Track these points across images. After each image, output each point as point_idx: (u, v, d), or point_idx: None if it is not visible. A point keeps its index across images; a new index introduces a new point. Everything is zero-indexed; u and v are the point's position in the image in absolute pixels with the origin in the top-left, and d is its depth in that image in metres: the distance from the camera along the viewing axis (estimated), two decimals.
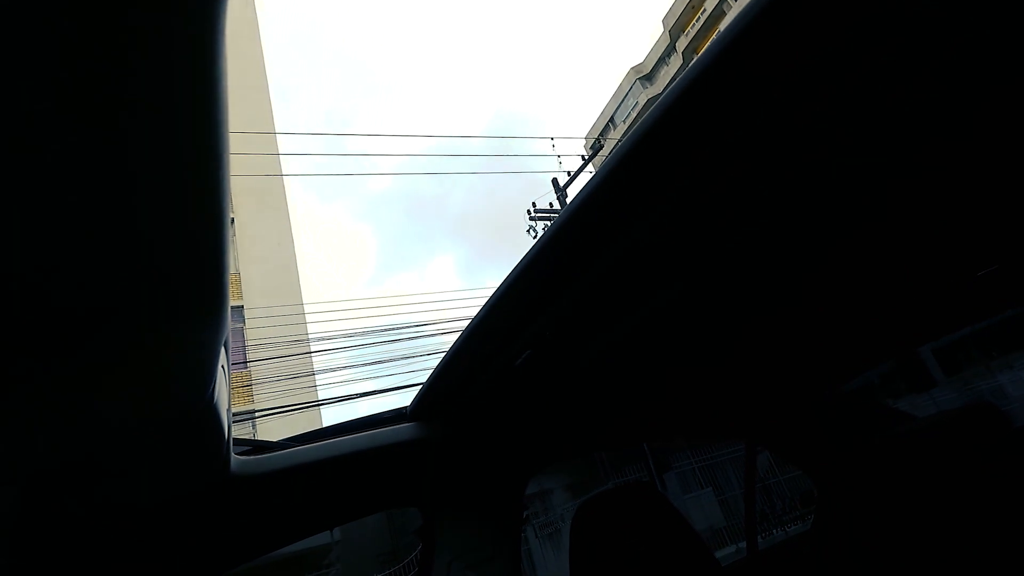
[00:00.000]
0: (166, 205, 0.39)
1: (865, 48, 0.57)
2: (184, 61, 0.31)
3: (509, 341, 1.07)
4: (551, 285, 0.94)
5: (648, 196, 0.75)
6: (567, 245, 0.83)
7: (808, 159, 0.71)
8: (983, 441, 1.56)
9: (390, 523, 17.96)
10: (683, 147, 0.65)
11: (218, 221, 0.43)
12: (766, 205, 0.77)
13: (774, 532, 10.97)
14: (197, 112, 0.34)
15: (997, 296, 1.60)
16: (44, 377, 0.47)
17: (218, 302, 0.50)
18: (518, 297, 0.92)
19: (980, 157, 0.79)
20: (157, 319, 0.48)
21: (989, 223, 1.05)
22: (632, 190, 0.71)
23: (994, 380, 14.46)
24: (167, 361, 0.53)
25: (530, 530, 12.06)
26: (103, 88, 0.30)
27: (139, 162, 0.35)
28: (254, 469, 1.13)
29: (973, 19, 0.56)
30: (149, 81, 0.31)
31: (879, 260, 1.06)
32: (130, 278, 0.43)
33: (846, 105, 0.65)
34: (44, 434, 0.54)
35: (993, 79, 0.62)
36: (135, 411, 0.57)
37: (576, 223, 0.79)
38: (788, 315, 1.21)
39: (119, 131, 0.33)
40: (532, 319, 1.01)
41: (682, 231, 0.82)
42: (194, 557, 1.18)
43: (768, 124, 0.65)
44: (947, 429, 1.63)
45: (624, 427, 1.75)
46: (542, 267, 0.89)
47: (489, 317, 0.97)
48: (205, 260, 0.46)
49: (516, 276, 0.88)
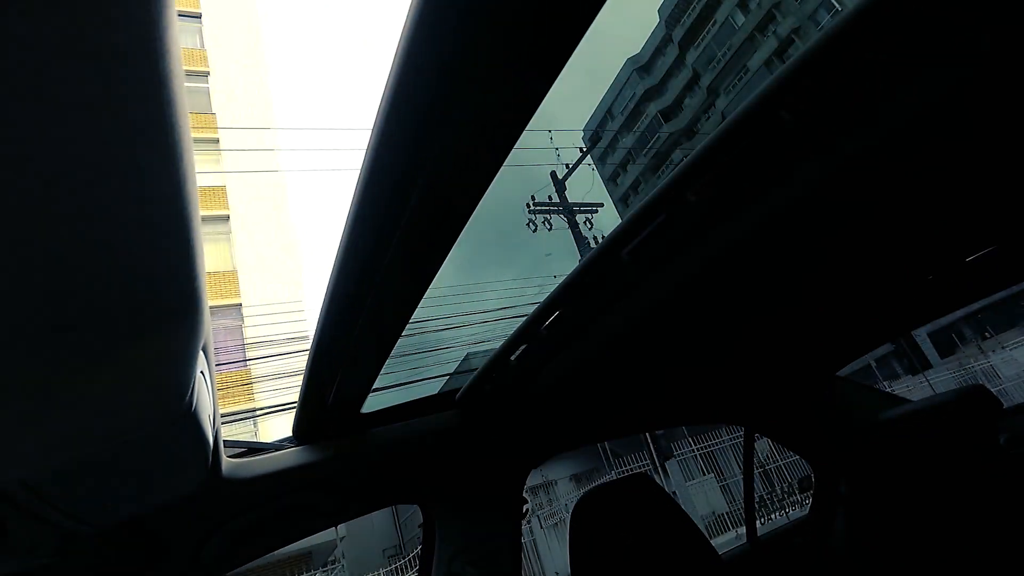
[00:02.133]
0: (118, 199, 0.36)
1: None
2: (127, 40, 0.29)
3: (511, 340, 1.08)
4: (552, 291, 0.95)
5: (652, 202, 0.76)
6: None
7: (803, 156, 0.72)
8: (977, 424, 1.58)
9: (397, 518, 18.05)
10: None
11: (184, 221, 0.40)
12: (762, 200, 0.78)
13: (774, 517, 11.04)
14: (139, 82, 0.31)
15: (990, 278, 1.61)
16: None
17: (191, 307, 0.48)
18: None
19: (973, 147, 0.79)
20: (120, 329, 0.45)
21: (979, 208, 1.06)
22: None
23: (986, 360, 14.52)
24: (135, 372, 0.50)
25: (535, 521, 12.12)
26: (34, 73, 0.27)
27: (72, 140, 0.32)
28: (247, 472, 1.13)
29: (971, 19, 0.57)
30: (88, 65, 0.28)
31: (873, 248, 1.07)
32: (85, 287, 0.40)
33: (843, 105, 0.66)
34: (5, 448, 0.51)
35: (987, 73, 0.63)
36: (105, 423, 0.54)
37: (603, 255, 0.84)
38: (785, 302, 1.22)
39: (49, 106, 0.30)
40: (531, 320, 1.02)
41: (681, 228, 0.83)
42: (191, 560, 1.18)
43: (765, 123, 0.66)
44: (941, 413, 1.64)
45: (624, 416, 1.76)
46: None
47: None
48: (172, 264, 0.43)
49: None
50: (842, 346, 1.90)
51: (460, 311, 14.58)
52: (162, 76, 0.32)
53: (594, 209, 16.03)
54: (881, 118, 0.66)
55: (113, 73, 0.30)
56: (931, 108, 0.65)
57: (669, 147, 29.57)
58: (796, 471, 12.55)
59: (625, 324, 1.04)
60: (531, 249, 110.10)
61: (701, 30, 27.59)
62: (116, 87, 0.31)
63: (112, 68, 0.30)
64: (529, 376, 1.23)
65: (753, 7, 25.29)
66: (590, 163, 18.20)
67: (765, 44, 24.72)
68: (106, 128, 0.32)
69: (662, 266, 0.91)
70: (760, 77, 23.93)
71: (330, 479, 1.29)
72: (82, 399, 0.49)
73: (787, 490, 12.05)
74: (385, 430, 1.28)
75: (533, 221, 15.56)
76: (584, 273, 0.89)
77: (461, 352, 13.13)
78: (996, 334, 18.68)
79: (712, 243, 0.86)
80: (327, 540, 13.13)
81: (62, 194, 0.34)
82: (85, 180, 0.34)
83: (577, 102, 43.43)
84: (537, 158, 13.30)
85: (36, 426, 0.49)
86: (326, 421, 1.22)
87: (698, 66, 27.83)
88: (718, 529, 11.85)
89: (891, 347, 19.64)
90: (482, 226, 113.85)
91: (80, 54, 0.28)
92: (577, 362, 1.16)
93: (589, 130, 34.09)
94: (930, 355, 19.67)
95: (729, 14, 26.29)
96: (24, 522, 0.67)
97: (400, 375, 9.57)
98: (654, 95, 30.52)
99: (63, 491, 0.65)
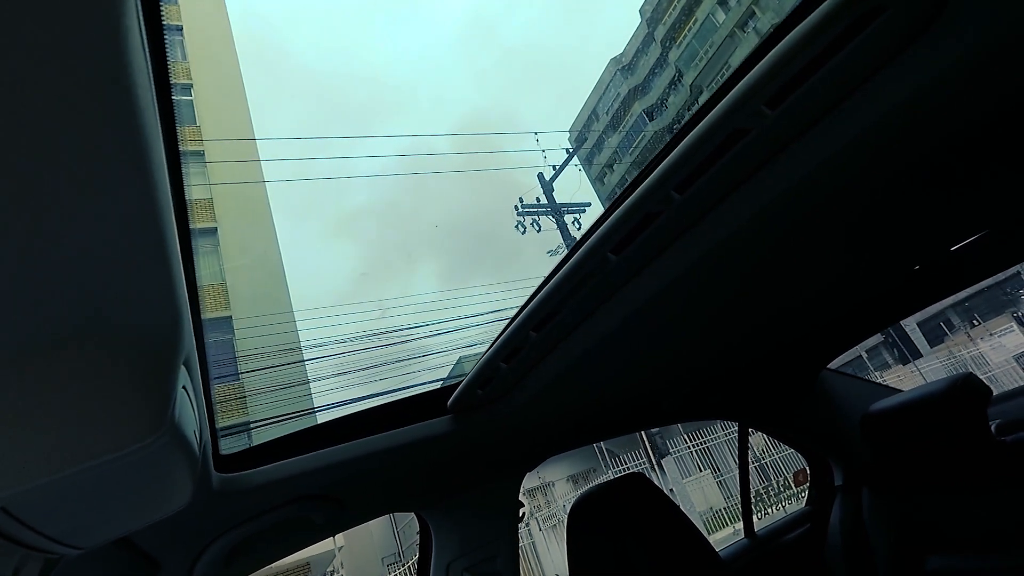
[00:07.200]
0: (84, 215, 0.34)
1: None
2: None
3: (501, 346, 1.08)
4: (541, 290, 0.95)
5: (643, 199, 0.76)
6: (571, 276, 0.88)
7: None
8: (968, 412, 1.60)
9: (395, 526, 17.96)
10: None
11: (160, 236, 0.39)
12: (746, 195, 0.78)
13: (771, 511, 11.10)
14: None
15: (975, 267, 1.63)
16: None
17: (167, 323, 0.47)
18: None
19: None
20: (90, 347, 0.44)
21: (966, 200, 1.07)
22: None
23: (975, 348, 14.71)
24: (108, 390, 0.49)
25: (533, 523, 12.13)
26: None
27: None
28: (240, 486, 1.11)
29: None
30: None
31: (859, 240, 1.07)
32: (55, 306, 0.39)
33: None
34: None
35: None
36: (81, 443, 0.52)
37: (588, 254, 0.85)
38: (773, 297, 1.22)
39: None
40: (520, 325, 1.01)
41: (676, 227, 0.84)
42: (187, 573, 1.17)
43: None
44: (932, 402, 1.66)
45: (618, 415, 1.76)
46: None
47: None
48: (145, 280, 0.42)
49: None
50: (832, 339, 1.92)
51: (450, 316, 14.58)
52: (136, 86, 0.31)
53: (582, 209, 16.11)
54: (862, 109, 0.66)
55: (86, 87, 0.29)
56: (912, 99, 0.65)
57: (655, 145, 29.73)
58: (792, 464, 12.65)
59: (614, 322, 1.03)
60: (531, 249, 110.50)
61: (683, 28, 27.79)
62: (88, 100, 0.30)
63: (86, 83, 0.29)
64: (520, 378, 1.23)
65: (733, 4, 25.52)
66: (577, 164, 18.28)
67: (746, 40, 24.94)
68: (72, 139, 0.31)
69: (649, 263, 0.91)
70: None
71: (325, 490, 1.28)
72: (55, 419, 0.48)
73: (783, 484, 12.13)
74: (378, 438, 1.27)
75: (522, 223, 15.61)
76: (571, 273, 0.89)
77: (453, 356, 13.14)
78: (984, 321, 18.95)
79: (698, 239, 0.86)
80: (326, 551, 13.04)
81: (27, 209, 0.33)
82: (50, 193, 0.33)
83: (563, 105, 43.55)
84: (526, 161, 13.37)
85: (10, 447, 0.48)
86: (321, 431, 1.21)
87: (681, 64, 28.03)
88: (716, 525, 11.89)
89: (881, 338, 19.89)
90: (463, 236, 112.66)
91: (53, 64, 0.28)
92: (568, 362, 1.16)
93: (575, 131, 34.24)
94: (920, 344, 19.94)
95: (710, 12, 26.51)
96: (5, 547, 0.66)
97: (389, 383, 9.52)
98: (638, 94, 30.70)
99: (44, 514, 0.64)
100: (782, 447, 12.75)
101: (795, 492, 11.34)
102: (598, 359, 1.18)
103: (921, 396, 1.70)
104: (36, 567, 0.78)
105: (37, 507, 0.61)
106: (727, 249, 0.88)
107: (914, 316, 16.90)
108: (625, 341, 1.14)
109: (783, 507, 11.21)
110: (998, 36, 0.58)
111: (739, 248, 0.89)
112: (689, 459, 13.34)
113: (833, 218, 0.92)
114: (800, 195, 0.78)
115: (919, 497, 1.72)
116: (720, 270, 0.96)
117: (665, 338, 1.23)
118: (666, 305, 1.03)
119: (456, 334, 12.10)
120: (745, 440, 2.37)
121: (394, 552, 17.78)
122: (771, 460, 13.19)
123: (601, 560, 1.31)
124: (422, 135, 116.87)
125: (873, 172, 0.80)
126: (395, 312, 58.07)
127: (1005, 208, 1.20)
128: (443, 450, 1.39)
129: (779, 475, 12.66)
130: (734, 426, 10.78)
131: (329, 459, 1.21)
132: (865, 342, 7.95)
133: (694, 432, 13.60)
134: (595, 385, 1.36)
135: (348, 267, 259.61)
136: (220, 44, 18.39)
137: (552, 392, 1.29)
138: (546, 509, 13.14)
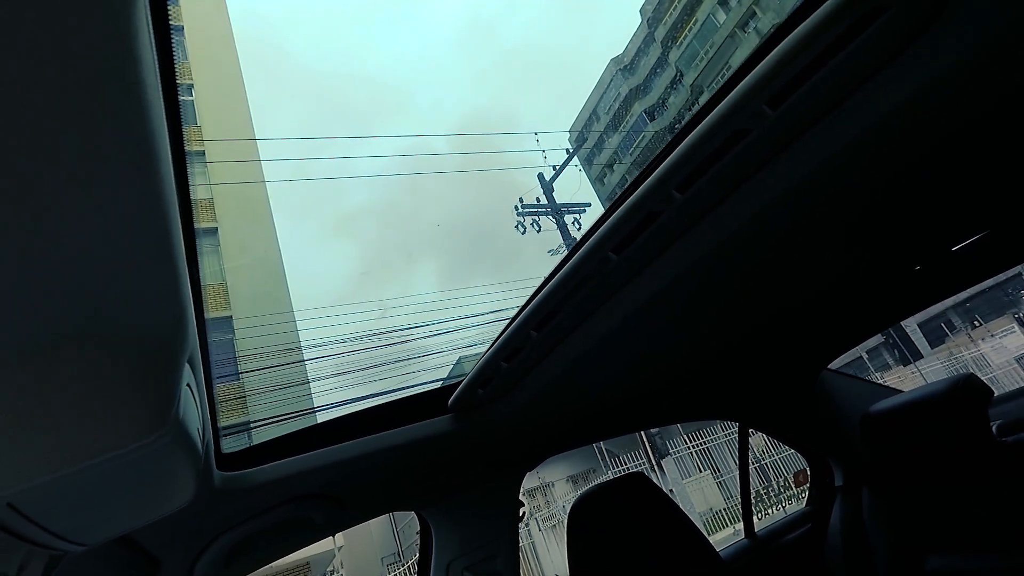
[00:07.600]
0: (90, 213, 0.34)
1: None
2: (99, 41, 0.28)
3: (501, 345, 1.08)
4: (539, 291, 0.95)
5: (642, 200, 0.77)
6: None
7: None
8: (969, 413, 1.60)
9: (394, 526, 17.96)
10: None
11: (164, 234, 0.38)
12: (746, 194, 0.79)
13: (771, 512, 11.10)
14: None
15: (976, 267, 1.63)
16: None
17: (172, 321, 0.47)
18: None
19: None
20: (95, 344, 0.44)
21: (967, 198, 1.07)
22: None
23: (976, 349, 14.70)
24: (113, 387, 0.49)
25: (533, 523, 12.13)
26: None
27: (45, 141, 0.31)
28: (242, 484, 1.11)
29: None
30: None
31: (860, 240, 1.07)
32: (59, 303, 0.39)
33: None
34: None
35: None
36: (86, 440, 0.53)
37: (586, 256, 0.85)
38: (774, 297, 1.22)
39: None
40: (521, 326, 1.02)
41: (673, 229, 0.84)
42: (185, 575, 1.17)
43: None
44: (933, 403, 1.66)
45: (619, 415, 1.76)
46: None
47: None
48: (149, 278, 0.41)
49: None
50: (832, 339, 1.92)
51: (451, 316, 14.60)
52: (145, 84, 0.31)
53: (582, 209, 16.12)
54: (863, 109, 0.66)
55: (93, 85, 0.29)
56: (912, 99, 0.65)
57: (655, 145, 29.71)
58: (792, 465, 12.64)
59: (615, 322, 1.04)
60: (531, 249, 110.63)
61: (683, 28, 27.78)
62: (94, 98, 0.30)
63: (93, 81, 0.29)
64: (521, 378, 1.23)
65: (734, 4, 25.52)
66: (577, 164, 18.28)
67: (746, 40, 24.93)
68: (77, 137, 0.31)
69: (650, 263, 0.91)
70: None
71: (325, 489, 1.28)
72: (60, 415, 0.48)
73: (784, 484, 12.12)
74: (378, 438, 1.27)
75: (522, 223, 15.62)
76: (571, 272, 0.89)
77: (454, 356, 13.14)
78: (985, 322, 18.94)
79: (699, 239, 0.86)
80: (326, 550, 13.05)
81: (30, 207, 0.33)
82: (54, 191, 0.33)
83: (563, 105, 43.67)
84: (526, 162, 13.39)
85: (15, 445, 0.48)
86: (321, 431, 1.21)
87: (681, 64, 28.02)
88: (716, 526, 11.89)
89: (882, 338, 19.88)
90: (481, 227, 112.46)
91: (60, 62, 0.28)
92: (569, 362, 1.16)
93: (575, 132, 34.24)
94: (921, 345, 19.93)
95: (711, 12, 26.50)
96: (11, 543, 0.66)
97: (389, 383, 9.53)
98: (639, 94, 30.69)
99: (50, 510, 0.64)
100: (782, 448, 12.74)
101: (795, 493, 11.33)
102: (599, 359, 1.18)
103: (922, 397, 1.70)
104: (40, 564, 0.78)
105: (43, 503, 0.61)
106: (728, 249, 0.88)
107: (915, 317, 16.91)
108: (626, 341, 1.14)
109: (783, 508, 11.20)
110: (998, 36, 0.58)
111: (740, 248, 0.89)
112: (689, 460, 13.33)
113: (834, 218, 0.92)
114: (801, 195, 0.78)
115: (919, 497, 1.72)
116: (721, 270, 0.96)
117: (665, 338, 1.23)
118: (667, 305, 1.03)
119: (456, 334, 12.12)
120: (745, 440, 2.37)
121: (394, 552, 17.79)
122: (771, 461, 13.18)
123: (601, 560, 1.31)
124: (422, 135, 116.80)
125: (874, 172, 0.80)
126: (395, 312, 58.14)
127: (1006, 208, 1.20)
128: (443, 449, 1.39)
129: (779, 476, 12.65)
130: (734, 427, 10.81)
131: (329, 458, 1.21)
132: (866, 343, 7.94)
133: (694, 433, 13.58)
134: (595, 385, 1.36)
135: (348, 267, 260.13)
136: (221, 44, 18.42)
137: (552, 392, 1.29)
138: (546, 509, 13.14)
